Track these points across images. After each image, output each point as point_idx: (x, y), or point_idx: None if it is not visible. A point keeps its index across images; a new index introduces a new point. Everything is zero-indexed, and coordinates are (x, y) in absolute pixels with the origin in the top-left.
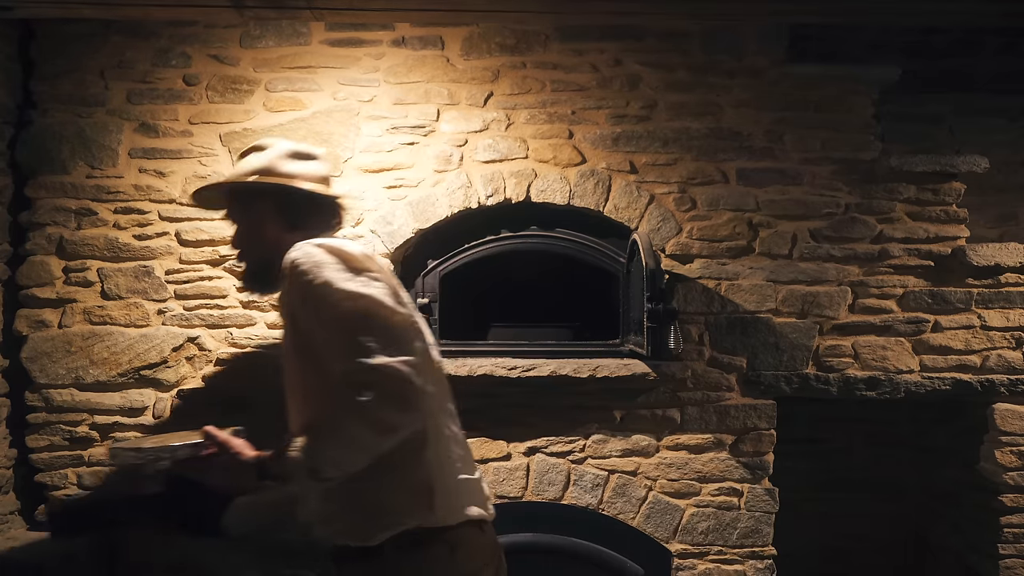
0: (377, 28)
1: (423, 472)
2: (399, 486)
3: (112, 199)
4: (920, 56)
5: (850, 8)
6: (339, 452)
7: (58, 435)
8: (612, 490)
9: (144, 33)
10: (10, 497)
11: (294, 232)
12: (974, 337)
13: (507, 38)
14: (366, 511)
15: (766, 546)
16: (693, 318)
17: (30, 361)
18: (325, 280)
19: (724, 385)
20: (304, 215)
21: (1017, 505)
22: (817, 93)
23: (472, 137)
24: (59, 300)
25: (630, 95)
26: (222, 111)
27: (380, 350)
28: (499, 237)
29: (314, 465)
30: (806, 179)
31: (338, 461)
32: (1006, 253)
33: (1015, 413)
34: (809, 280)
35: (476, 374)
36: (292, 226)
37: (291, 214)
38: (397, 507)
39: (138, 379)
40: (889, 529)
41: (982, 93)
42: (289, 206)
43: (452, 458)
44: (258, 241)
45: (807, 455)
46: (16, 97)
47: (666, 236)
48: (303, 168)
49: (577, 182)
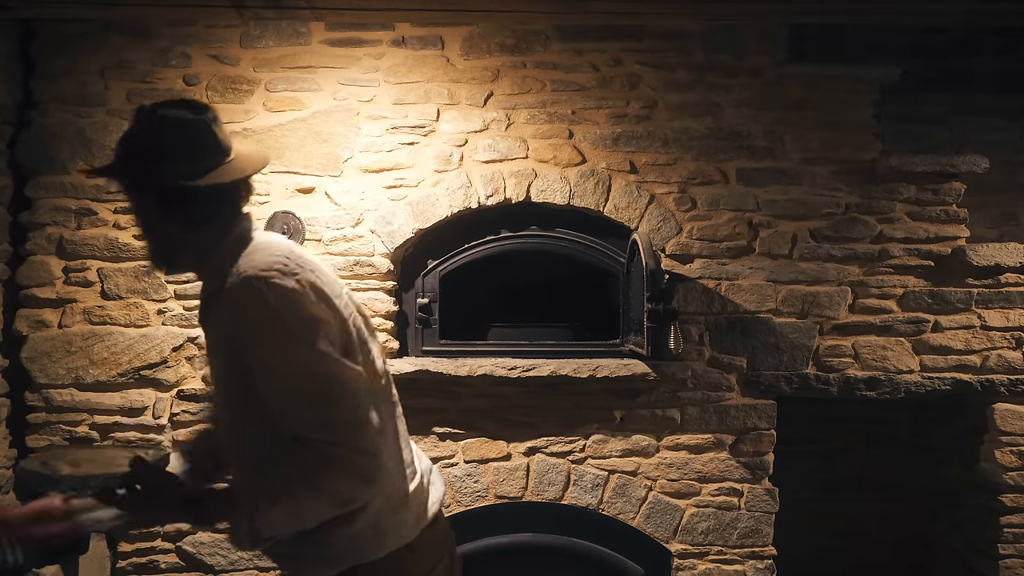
0: (377, 28)
1: (377, 516)
2: (356, 533)
3: (112, 199)
4: (920, 56)
5: (850, 8)
6: (288, 520)
7: (58, 435)
8: (612, 490)
9: (144, 33)
10: (10, 497)
11: (197, 230)
12: (974, 337)
13: (507, 38)
14: (328, 555)
15: (766, 546)
16: (693, 318)
17: (30, 361)
18: (291, 331)
19: (724, 385)
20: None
21: (1017, 505)
22: (817, 93)
23: (472, 137)
24: (59, 300)
25: (630, 95)
26: (222, 111)
27: (345, 424)
28: (499, 237)
29: (257, 527)
30: (806, 179)
31: (285, 527)
32: (1006, 253)
33: (1015, 413)
34: (809, 280)
35: (476, 374)
36: (188, 226)
37: (180, 215)
38: (355, 548)
39: (138, 379)
40: (889, 529)
41: (982, 93)
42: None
43: (404, 476)
44: (152, 234)
45: (807, 455)
46: (16, 97)
47: (666, 236)
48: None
49: (577, 182)
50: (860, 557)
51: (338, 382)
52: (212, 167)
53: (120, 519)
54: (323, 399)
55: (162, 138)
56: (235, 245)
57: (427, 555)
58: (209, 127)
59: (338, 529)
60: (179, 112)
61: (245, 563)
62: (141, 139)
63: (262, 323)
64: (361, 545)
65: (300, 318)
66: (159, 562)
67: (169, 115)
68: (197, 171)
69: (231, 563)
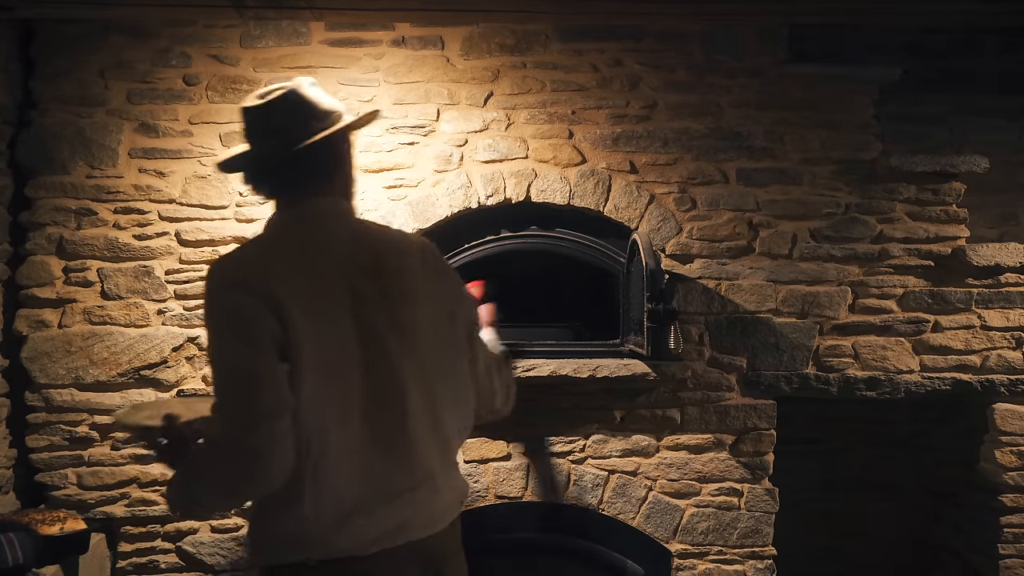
0: (377, 28)
1: (305, 509)
2: (266, 529)
3: (112, 199)
4: (920, 56)
5: (850, 8)
6: (176, 491)
7: (58, 435)
8: (612, 490)
9: (144, 33)
10: (10, 497)
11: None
12: (974, 337)
13: (507, 38)
14: (250, 544)
15: (766, 546)
16: (693, 318)
17: (30, 361)
18: (211, 321)
19: (724, 385)
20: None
21: (1017, 505)
22: (817, 93)
23: (472, 137)
24: (59, 300)
25: (630, 95)
26: (222, 111)
27: (233, 416)
28: (499, 237)
29: (167, 493)
30: (806, 179)
31: (176, 497)
32: (1006, 253)
33: (1015, 413)
34: (809, 280)
35: None
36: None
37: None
38: (266, 544)
39: (138, 379)
40: (889, 529)
41: (982, 93)
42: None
43: (351, 482)
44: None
45: (807, 455)
46: (16, 97)
47: (666, 236)
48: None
49: (577, 182)
50: (860, 557)
51: (248, 376)
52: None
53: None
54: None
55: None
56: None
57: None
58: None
59: (255, 520)
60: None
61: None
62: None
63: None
64: (266, 546)
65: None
66: (159, 562)
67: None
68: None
69: (231, 563)
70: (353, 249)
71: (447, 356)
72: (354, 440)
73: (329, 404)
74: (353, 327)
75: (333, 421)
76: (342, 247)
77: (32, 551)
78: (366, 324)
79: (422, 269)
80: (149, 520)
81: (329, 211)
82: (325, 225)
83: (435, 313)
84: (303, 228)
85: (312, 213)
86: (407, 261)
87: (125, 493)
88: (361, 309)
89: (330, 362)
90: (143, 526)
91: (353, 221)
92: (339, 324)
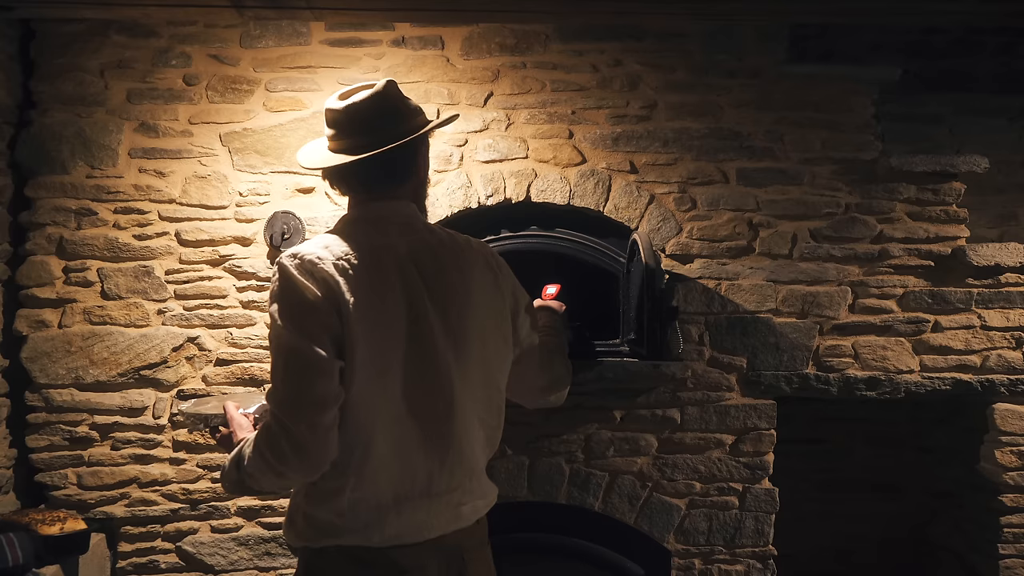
0: (377, 28)
1: (344, 502)
2: (300, 511)
3: (112, 199)
4: (920, 56)
5: (850, 8)
6: (230, 472)
7: (58, 435)
8: (612, 490)
9: (144, 33)
10: (10, 497)
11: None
12: (974, 337)
13: (507, 38)
14: (296, 523)
15: (766, 546)
16: (693, 318)
17: (30, 361)
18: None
19: (724, 385)
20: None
21: (1017, 505)
22: (817, 93)
23: (472, 137)
24: (59, 300)
25: (630, 95)
26: (222, 111)
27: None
28: (499, 237)
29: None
30: (806, 179)
31: (229, 479)
32: (1006, 253)
33: (1015, 413)
34: (809, 280)
35: None
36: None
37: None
38: (318, 526)
39: (138, 379)
40: (889, 529)
41: (982, 93)
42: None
43: (394, 475)
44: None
45: (807, 455)
46: (16, 97)
47: (666, 236)
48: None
49: (577, 182)
50: (860, 557)
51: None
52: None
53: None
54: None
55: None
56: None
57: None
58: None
59: (297, 501)
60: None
61: (245, 563)
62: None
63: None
64: (303, 529)
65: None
66: (159, 562)
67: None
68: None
69: (231, 563)
70: (415, 255)
71: (495, 365)
72: (399, 440)
73: (378, 404)
74: (407, 331)
75: (381, 420)
76: (405, 252)
77: (32, 551)
78: (420, 329)
79: (482, 278)
80: (149, 520)
81: (397, 215)
82: (391, 229)
83: (489, 323)
84: (371, 230)
85: (381, 215)
86: (468, 269)
87: (125, 493)
88: (416, 314)
89: (382, 363)
90: (143, 526)
91: (419, 226)
92: (393, 327)
